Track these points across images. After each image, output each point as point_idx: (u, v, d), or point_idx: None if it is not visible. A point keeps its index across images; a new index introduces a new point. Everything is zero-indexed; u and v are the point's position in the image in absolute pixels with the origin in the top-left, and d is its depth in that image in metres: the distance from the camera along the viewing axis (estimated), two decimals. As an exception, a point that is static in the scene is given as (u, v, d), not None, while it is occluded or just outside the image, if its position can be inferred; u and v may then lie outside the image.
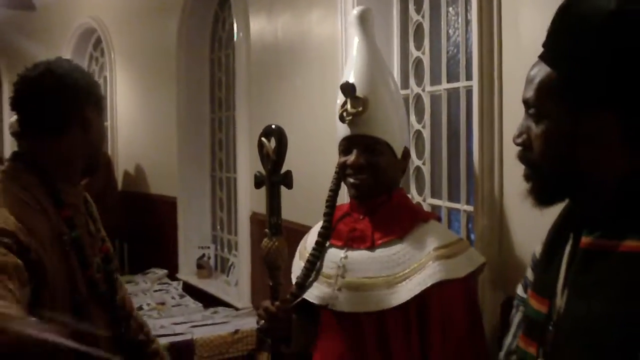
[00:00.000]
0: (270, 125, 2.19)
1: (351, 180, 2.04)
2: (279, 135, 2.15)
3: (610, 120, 1.19)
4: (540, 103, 1.24)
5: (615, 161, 1.21)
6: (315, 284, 2.04)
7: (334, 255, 2.07)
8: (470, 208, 2.55)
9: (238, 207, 4.29)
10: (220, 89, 4.99)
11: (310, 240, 2.21)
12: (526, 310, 1.39)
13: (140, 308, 4.23)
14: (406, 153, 2.10)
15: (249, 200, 4.11)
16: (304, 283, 2.07)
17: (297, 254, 2.26)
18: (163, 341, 3.42)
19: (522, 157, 1.30)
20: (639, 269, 1.12)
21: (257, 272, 4.04)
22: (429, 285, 1.88)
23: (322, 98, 3.31)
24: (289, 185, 2.17)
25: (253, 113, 4.04)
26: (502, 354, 1.55)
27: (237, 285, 4.40)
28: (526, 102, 1.28)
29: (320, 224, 2.20)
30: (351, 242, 2.05)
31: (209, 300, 4.46)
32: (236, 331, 3.64)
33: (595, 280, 1.18)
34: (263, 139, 2.18)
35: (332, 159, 2.13)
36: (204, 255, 5.02)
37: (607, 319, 1.12)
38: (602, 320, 1.13)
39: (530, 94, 1.27)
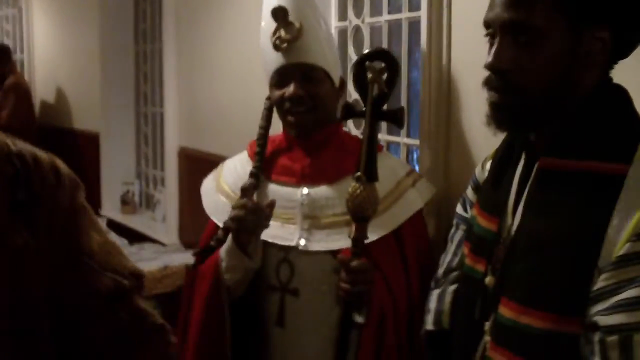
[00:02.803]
0: (379, 48, 1.80)
1: (290, 115, 1.87)
2: (391, 61, 1.66)
3: (606, 37, 1.12)
4: (535, 23, 1.13)
5: (592, 80, 1.15)
6: (271, 224, 1.84)
7: (288, 193, 1.91)
8: (409, 141, 2.46)
9: (165, 141, 4.08)
10: (145, 20, 4.69)
11: (231, 177, 2.02)
12: (474, 228, 1.34)
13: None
14: (342, 82, 1.96)
15: (177, 134, 3.90)
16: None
17: (212, 191, 2.05)
18: (89, 278, 3.25)
19: (499, 84, 1.18)
20: (596, 188, 1.09)
21: (186, 208, 3.87)
22: (415, 211, 1.83)
23: (256, 27, 3.11)
24: (401, 123, 1.72)
25: (182, 45, 3.80)
26: (440, 271, 1.53)
27: (164, 221, 4.22)
28: (507, 25, 1.15)
29: (238, 158, 2.05)
30: (306, 178, 1.90)
31: (134, 237, 4.27)
32: (165, 267, 3.47)
33: (553, 198, 1.14)
34: (369, 63, 1.66)
35: (261, 92, 1.96)
36: (128, 191, 4.80)
37: (564, 236, 1.10)
38: (559, 236, 1.11)
39: (514, 15, 1.14)
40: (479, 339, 1.26)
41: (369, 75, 1.64)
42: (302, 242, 1.86)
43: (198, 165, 3.69)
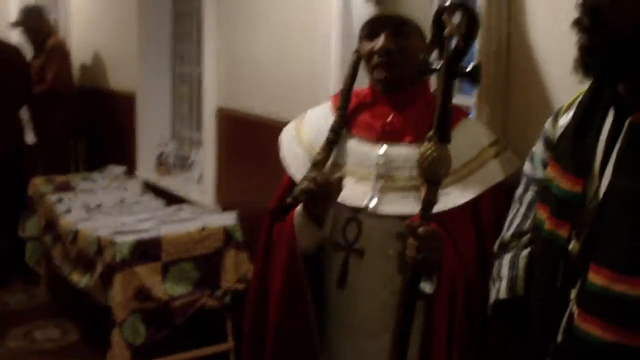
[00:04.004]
0: (453, 1, 1.56)
1: (379, 69, 1.75)
2: (471, 15, 1.50)
3: None
4: None
5: None
6: (345, 181, 1.73)
7: (364, 151, 1.80)
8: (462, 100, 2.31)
9: (203, 102, 3.96)
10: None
11: (312, 129, 1.92)
12: (552, 190, 1.22)
13: (100, 206, 3.94)
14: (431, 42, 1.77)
15: (215, 95, 3.78)
16: None
17: (292, 142, 1.96)
18: (129, 239, 3.17)
19: (591, 23, 1.06)
20: None
21: (223, 170, 3.77)
22: (494, 183, 1.69)
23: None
24: (477, 80, 1.56)
25: (221, 4, 3.66)
26: (508, 234, 1.42)
27: (200, 183, 4.12)
28: None
29: (321, 110, 1.93)
30: (387, 136, 1.78)
31: (169, 198, 4.19)
32: (203, 228, 3.38)
33: None
34: (446, 16, 1.52)
35: (308, 54, 1.81)
36: (162, 152, 4.70)
37: None
38: None
39: None
40: (563, 308, 1.15)
41: (446, 29, 1.50)
42: (373, 203, 1.75)
43: (236, 125, 3.58)
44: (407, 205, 1.71)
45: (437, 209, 1.56)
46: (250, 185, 3.49)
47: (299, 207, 1.77)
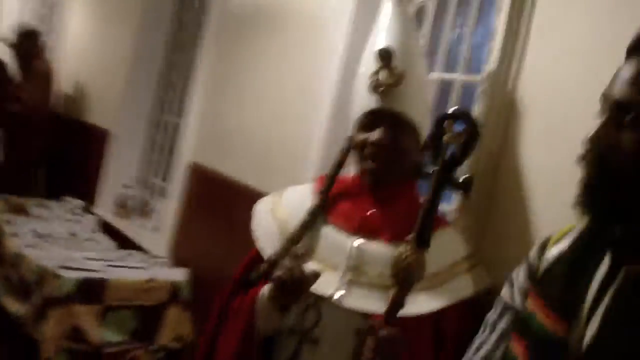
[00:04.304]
0: (463, 109, 1.58)
1: (368, 161, 1.75)
2: (473, 125, 1.48)
3: None
4: None
5: None
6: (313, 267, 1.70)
7: (339, 241, 1.77)
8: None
9: (177, 153, 3.92)
10: (182, 29, 4.58)
11: (289, 207, 1.89)
12: (533, 325, 1.18)
13: (50, 235, 3.83)
14: (426, 145, 1.80)
15: (191, 149, 3.75)
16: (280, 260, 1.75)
17: (266, 215, 1.92)
18: (74, 275, 3.06)
19: (597, 162, 1.05)
20: None
21: (184, 225, 3.70)
22: (463, 298, 1.68)
23: (300, 65, 3.00)
24: (468, 192, 1.54)
25: (216, 61, 3.67)
26: (476, 356, 1.35)
27: (157, 232, 4.04)
28: (621, 104, 1.04)
29: (302, 190, 1.92)
30: (364, 229, 1.76)
31: (123, 242, 4.09)
32: (151, 279, 3.29)
33: None
34: (448, 122, 1.50)
35: (293, 131, 1.78)
36: (125, 194, 4.61)
37: None
38: None
39: (630, 95, 1.03)
40: None
41: (446, 136, 1.49)
42: (338, 294, 1.71)
43: (207, 183, 3.54)
44: (373, 302, 1.67)
45: (401, 313, 1.52)
46: (209, 246, 3.43)
47: (266, 290, 1.72)
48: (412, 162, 1.78)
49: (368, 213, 1.78)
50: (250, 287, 1.79)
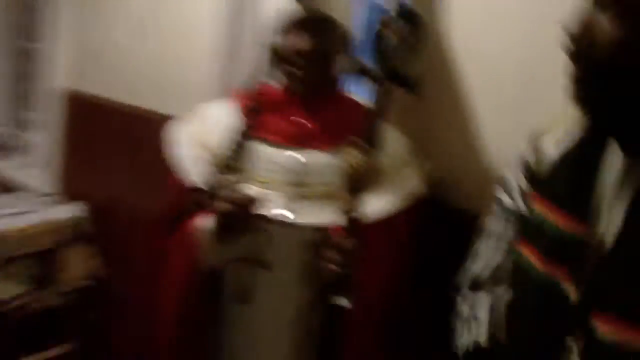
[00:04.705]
0: (404, 5, 1.51)
1: (294, 70, 1.63)
2: (417, 23, 1.45)
3: None
4: None
5: None
6: (253, 189, 1.60)
7: (276, 156, 1.65)
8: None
9: (47, 82, 3.59)
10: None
11: (215, 128, 1.73)
12: (544, 227, 1.10)
13: None
14: (349, 38, 1.73)
15: (64, 75, 3.43)
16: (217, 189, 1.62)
17: (188, 142, 1.75)
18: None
19: (579, 58, 0.97)
20: None
21: (71, 157, 3.43)
22: (416, 196, 1.64)
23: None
24: (418, 93, 1.50)
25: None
26: (482, 270, 1.27)
27: (41, 168, 3.74)
28: None
29: (222, 109, 1.77)
30: (300, 141, 1.65)
31: (4, 185, 3.78)
32: (44, 221, 3.05)
33: None
34: (388, 19, 1.46)
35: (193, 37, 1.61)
36: (-4, 134, 4.23)
37: None
38: None
39: None
40: (557, 357, 1.03)
41: (387, 33, 1.44)
42: (287, 213, 1.62)
43: (89, 111, 3.28)
44: (323, 214, 1.60)
45: (359, 218, 1.47)
46: (105, 177, 3.20)
47: (209, 223, 1.59)
48: (338, 64, 1.69)
49: (302, 124, 1.68)
50: (184, 218, 1.66)
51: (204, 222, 1.61)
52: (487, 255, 1.27)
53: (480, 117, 1.80)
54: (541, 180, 1.16)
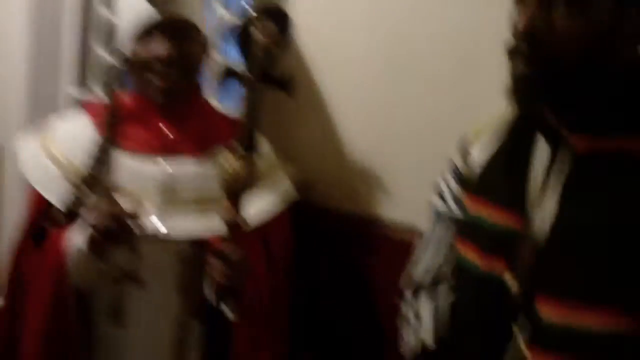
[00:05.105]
0: (270, 4, 1.46)
1: (159, 78, 1.54)
2: (284, 20, 1.40)
3: None
4: None
5: (630, 56, 1.02)
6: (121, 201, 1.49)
7: (142, 168, 1.56)
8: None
9: None
10: None
11: (67, 143, 1.62)
12: (482, 225, 1.15)
13: None
14: (206, 42, 1.66)
15: None
16: (78, 207, 1.52)
17: (37, 157, 1.63)
18: None
19: (530, 52, 1.02)
20: None
21: None
22: (290, 200, 1.62)
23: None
24: (291, 91, 1.42)
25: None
26: (422, 273, 1.31)
27: None
28: None
29: (74, 121, 1.67)
30: (166, 151, 1.57)
31: None
32: None
33: (601, 184, 1.01)
34: (256, 19, 1.40)
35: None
36: None
37: (626, 221, 0.97)
38: (620, 223, 0.97)
39: None
40: (503, 347, 1.08)
41: (257, 34, 1.39)
42: (161, 227, 1.54)
43: None
44: (196, 227, 1.55)
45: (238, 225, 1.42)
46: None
47: (80, 240, 1.48)
48: (199, 69, 1.65)
49: (167, 133, 1.61)
50: (41, 238, 1.55)
51: (74, 239, 1.49)
52: (427, 259, 1.31)
53: (347, 118, 1.85)
54: (472, 181, 1.22)
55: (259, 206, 1.56)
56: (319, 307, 1.85)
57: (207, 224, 1.52)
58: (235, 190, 1.38)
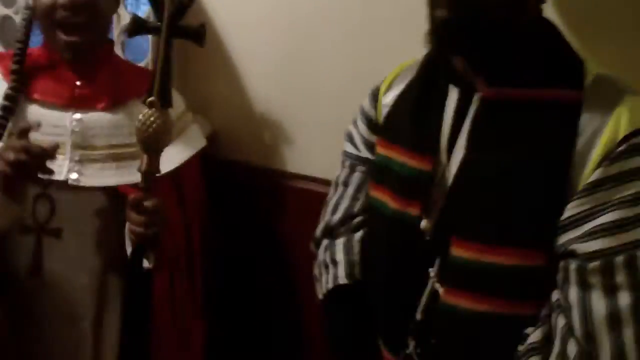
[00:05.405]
0: None
1: (64, 31, 1.51)
2: None
3: None
4: None
5: (533, 10, 1.10)
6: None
7: (53, 118, 1.54)
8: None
9: None
10: None
11: None
12: (393, 168, 1.20)
13: None
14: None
15: None
16: None
17: None
18: None
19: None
20: (553, 115, 1.04)
21: None
22: (198, 149, 1.62)
23: None
24: (202, 42, 1.40)
25: None
26: (335, 217, 1.34)
27: None
28: None
29: None
30: (77, 102, 1.56)
31: None
32: None
33: (505, 130, 1.07)
34: None
35: None
36: None
37: (525, 166, 1.04)
38: (520, 167, 1.04)
39: None
40: (420, 287, 1.14)
41: None
42: (73, 175, 1.53)
43: None
44: (110, 177, 1.56)
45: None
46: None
47: None
48: (108, 21, 1.64)
49: (77, 84, 1.58)
50: None
51: None
52: (338, 203, 1.35)
53: (255, 72, 1.88)
54: (383, 126, 1.27)
55: (170, 153, 1.56)
56: (233, 259, 1.88)
57: (121, 174, 1.54)
58: (151, 143, 1.38)
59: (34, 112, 1.55)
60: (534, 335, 1.02)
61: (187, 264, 1.64)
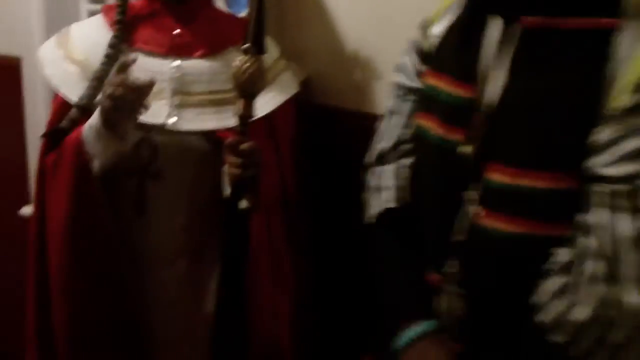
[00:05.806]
0: None
1: None
2: None
3: None
4: None
5: None
6: None
7: (154, 65, 1.61)
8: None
9: None
10: None
11: (84, 45, 1.67)
12: (439, 97, 1.24)
13: None
14: None
15: None
16: (92, 101, 1.57)
17: (58, 60, 1.67)
18: None
19: None
20: (589, 43, 1.08)
21: None
22: (292, 92, 1.67)
23: None
24: None
25: None
26: (386, 145, 1.38)
27: None
28: None
29: (90, 24, 1.72)
30: (176, 50, 1.63)
31: None
32: None
33: (544, 57, 1.12)
34: None
35: None
36: None
37: (562, 91, 1.09)
38: (558, 93, 1.09)
39: None
40: (459, 210, 1.19)
41: None
42: (172, 120, 1.60)
43: None
44: (208, 121, 1.62)
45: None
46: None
47: (94, 119, 1.53)
48: None
49: (176, 32, 1.65)
50: (63, 138, 1.60)
51: (90, 121, 1.54)
52: (388, 131, 1.39)
53: (345, 16, 1.91)
54: (431, 57, 1.32)
55: (265, 99, 1.61)
56: (327, 202, 1.92)
57: (218, 119, 1.60)
58: (246, 88, 1.44)
59: (138, 61, 1.62)
60: (560, 255, 1.07)
61: (283, 205, 1.70)
